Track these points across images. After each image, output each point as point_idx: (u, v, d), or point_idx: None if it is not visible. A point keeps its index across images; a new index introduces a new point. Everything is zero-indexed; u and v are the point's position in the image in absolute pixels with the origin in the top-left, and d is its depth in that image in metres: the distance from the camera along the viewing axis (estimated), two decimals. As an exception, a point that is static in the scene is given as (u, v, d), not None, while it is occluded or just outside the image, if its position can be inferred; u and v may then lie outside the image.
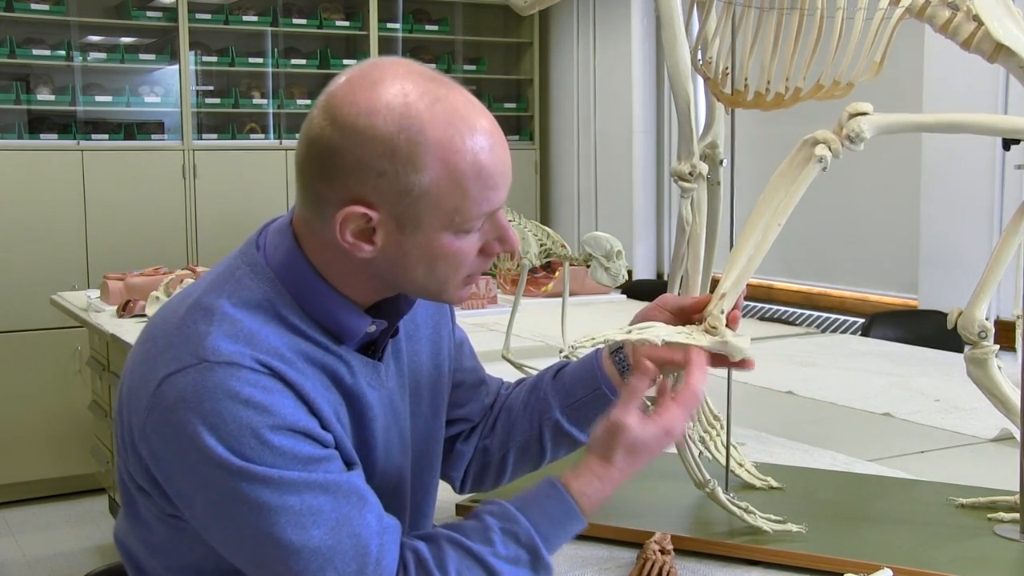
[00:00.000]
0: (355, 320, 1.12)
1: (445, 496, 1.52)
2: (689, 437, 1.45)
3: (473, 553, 1.06)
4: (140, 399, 1.05)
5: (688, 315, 1.25)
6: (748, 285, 1.26)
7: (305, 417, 1.04)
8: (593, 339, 1.19)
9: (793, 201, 1.24)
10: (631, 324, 1.27)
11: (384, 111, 1.02)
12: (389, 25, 5.61)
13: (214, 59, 5.31)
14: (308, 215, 1.09)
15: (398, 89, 1.03)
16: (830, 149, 1.24)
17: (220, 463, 0.99)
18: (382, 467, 1.17)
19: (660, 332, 1.20)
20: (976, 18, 1.29)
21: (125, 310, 3.49)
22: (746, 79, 1.45)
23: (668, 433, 1.14)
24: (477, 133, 1.04)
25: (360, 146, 1.02)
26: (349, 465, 1.09)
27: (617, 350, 1.28)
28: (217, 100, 5.33)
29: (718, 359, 1.22)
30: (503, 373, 1.49)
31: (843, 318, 4.25)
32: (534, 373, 1.40)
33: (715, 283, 1.29)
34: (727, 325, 1.22)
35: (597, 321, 1.33)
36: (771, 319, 4.27)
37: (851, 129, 1.24)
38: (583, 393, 1.28)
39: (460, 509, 1.58)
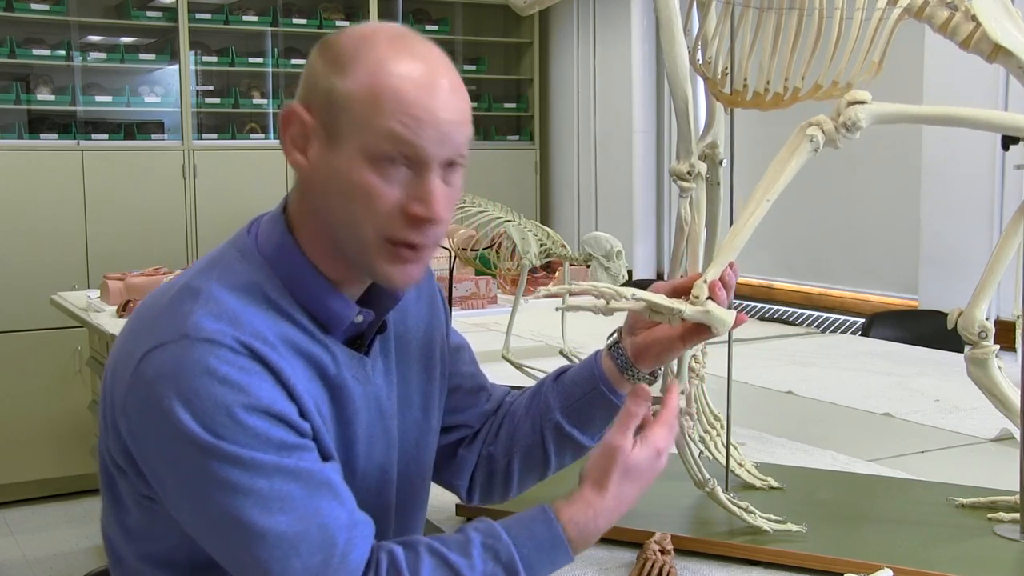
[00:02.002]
0: (342, 306, 1.12)
1: (446, 497, 1.52)
2: (689, 437, 1.45)
3: (449, 563, 1.05)
4: (123, 375, 1.05)
5: (680, 294, 1.25)
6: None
7: (282, 401, 1.04)
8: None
9: (784, 179, 1.24)
10: (624, 326, 1.28)
11: (354, 33, 1.09)
12: (389, 25, 5.61)
13: (214, 59, 5.31)
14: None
15: (378, 26, 1.10)
16: (823, 131, 1.24)
17: (192, 439, 0.99)
18: (364, 464, 1.16)
19: (645, 297, 1.22)
20: (974, 18, 1.29)
21: (125, 310, 3.49)
22: (745, 79, 1.45)
23: (658, 454, 1.14)
24: (417, 70, 1.06)
25: (320, 55, 1.09)
26: (325, 458, 1.08)
27: (615, 345, 1.28)
28: (217, 100, 5.33)
29: (704, 331, 1.21)
30: (503, 373, 1.49)
31: (843, 318, 4.24)
32: (534, 373, 1.40)
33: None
34: (710, 298, 1.21)
35: (597, 321, 1.34)
36: (771, 319, 4.26)
37: (848, 117, 1.23)
38: (582, 392, 1.28)
39: (460, 509, 1.58)
